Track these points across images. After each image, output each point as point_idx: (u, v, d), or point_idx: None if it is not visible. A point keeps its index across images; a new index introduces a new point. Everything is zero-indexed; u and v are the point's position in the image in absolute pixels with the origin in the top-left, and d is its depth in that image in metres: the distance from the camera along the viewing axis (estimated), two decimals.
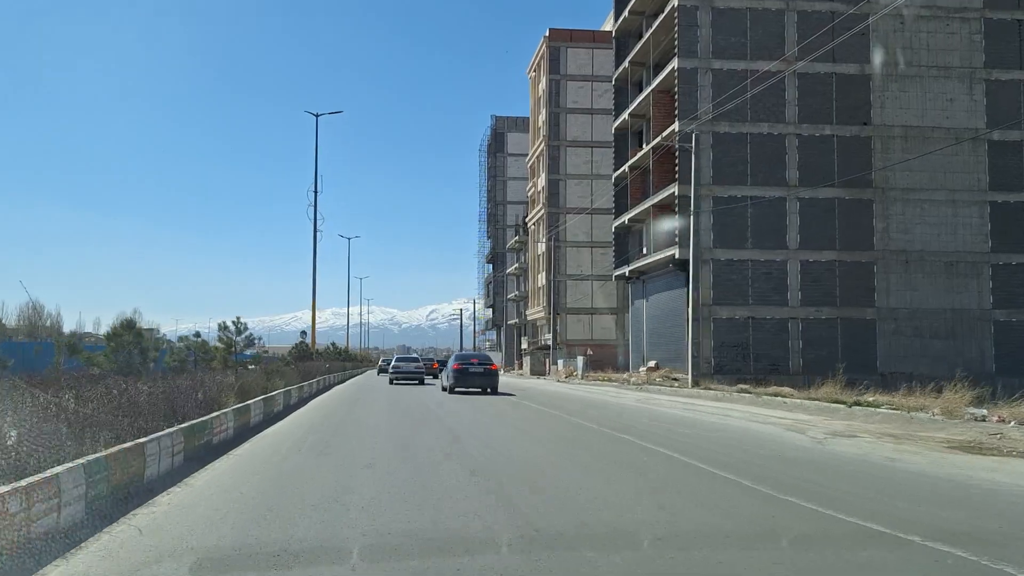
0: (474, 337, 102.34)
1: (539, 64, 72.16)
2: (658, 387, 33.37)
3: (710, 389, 29.10)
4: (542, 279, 70.06)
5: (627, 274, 46.29)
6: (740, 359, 36.52)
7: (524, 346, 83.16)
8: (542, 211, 69.32)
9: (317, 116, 41.95)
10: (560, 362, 50.17)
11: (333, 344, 58.32)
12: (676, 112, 37.88)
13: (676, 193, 37.34)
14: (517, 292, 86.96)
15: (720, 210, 37.20)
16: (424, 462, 9.74)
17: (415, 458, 10.10)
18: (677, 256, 37.16)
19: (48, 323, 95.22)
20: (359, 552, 5.30)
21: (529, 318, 75.94)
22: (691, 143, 36.55)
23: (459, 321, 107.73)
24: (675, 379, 35.46)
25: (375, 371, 70.23)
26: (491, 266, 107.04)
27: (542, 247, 69.75)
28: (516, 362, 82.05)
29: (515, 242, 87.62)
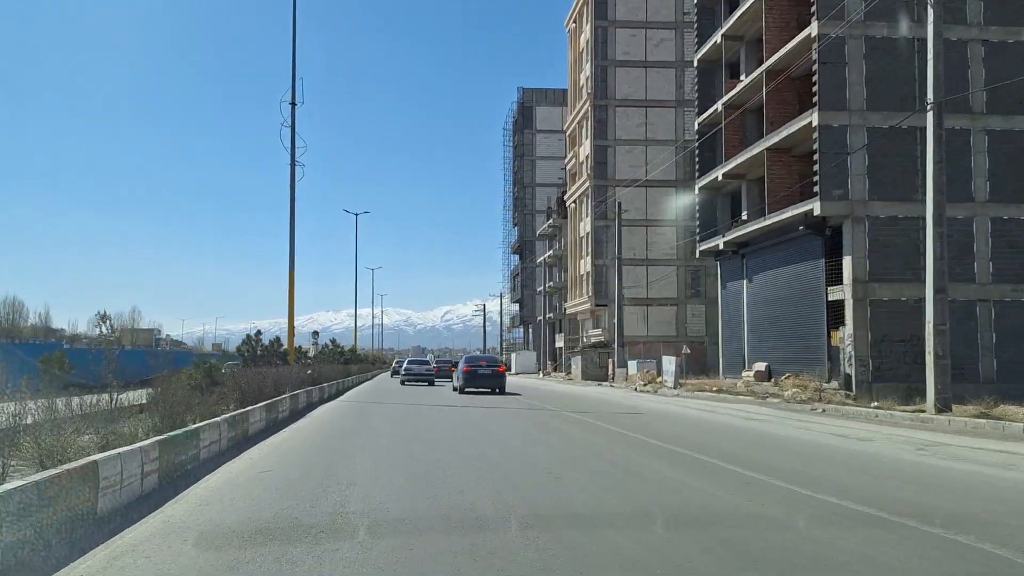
0: (500, 335, 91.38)
1: (581, 10, 61.18)
2: (807, 405, 22.18)
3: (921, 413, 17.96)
4: (586, 265, 59.13)
5: (720, 247, 35.21)
6: (908, 361, 25.38)
7: (559, 344, 72.34)
8: (586, 184, 58.39)
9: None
10: (633, 364, 39.00)
11: (333, 341, 47.61)
12: (814, 10, 26.82)
13: (816, 123, 26.27)
14: (551, 283, 76.07)
15: (877, 147, 26.13)
16: None
17: None
18: (818, 211, 26.11)
19: (31, 322, 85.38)
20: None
21: (569, 311, 65.00)
22: (827, 59, 25.54)
23: (482, 317, 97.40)
24: (818, 391, 24.26)
25: (388, 373, 63.60)
26: (517, 257, 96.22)
27: (586, 227, 58.84)
28: (550, 364, 71.15)
29: (548, 226, 76.74)
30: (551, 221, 75.48)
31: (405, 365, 41.99)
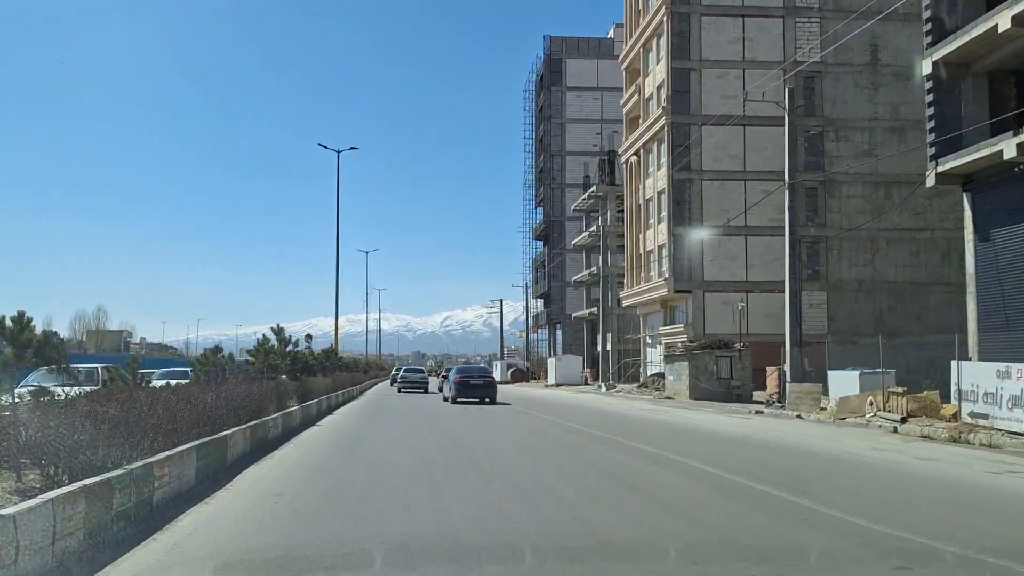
0: (526, 334, 75.06)
1: None
2: None
3: None
4: (657, 236, 43.01)
5: (999, 159, 18.89)
6: None
7: (605, 347, 56.25)
8: (659, 124, 42.27)
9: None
10: (848, 377, 21.88)
11: (323, 350, 31.55)
12: None
13: None
14: (590, 272, 59.91)
15: None
16: None
17: None
18: None
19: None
20: None
21: (628, 302, 48.78)
22: None
23: (485, 320, 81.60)
24: None
25: (388, 382, 56.34)
26: (542, 244, 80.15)
27: (658, 183, 42.78)
28: (588, 371, 54.71)
29: (587, 197, 60.56)
30: (592, 191, 59.33)
31: (401, 375, 43.38)
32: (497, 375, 73.78)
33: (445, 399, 28.35)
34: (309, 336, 45.12)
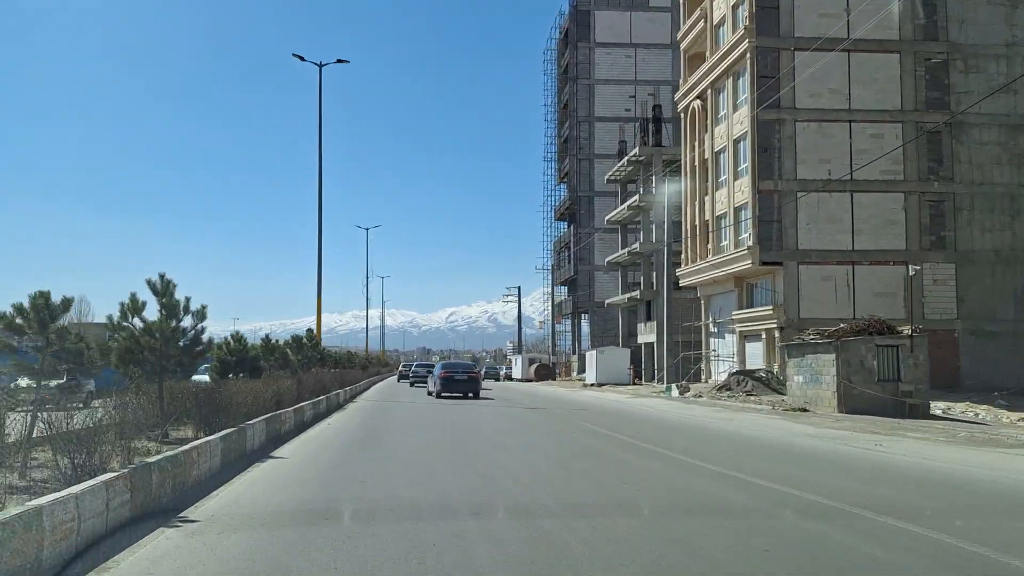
0: (551, 326, 65.79)
1: None
2: None
3: None
4: (732, 197, 33.93)
5: None
6: None
7: (645, 339, 47.14)
8: (739, 51, 33.14)
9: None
10: None
11: (294, 337, 22.91)
12: None
13: None
14: (630, 250, 50.89)
15: None
16: None
17: None
18: None
19: None
20: None
21: (689, 281, 39.66)
22: None
23: (503, 309, 72.51)
24: None
25: (395, 378, 52.73)
26: (565, 224, 71.06)
27: (733, 129, 33.69)
28: (630, 369, 45.41)
29: (627, 163, 51.48)
30: (632, 154, 50.22)
31: (413, 369, 44.23)
32: (517, 371, 64.76)
33: (429, 393, 28.50)
34: (311, 331, 37.06)
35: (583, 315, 66.71)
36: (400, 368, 59.55)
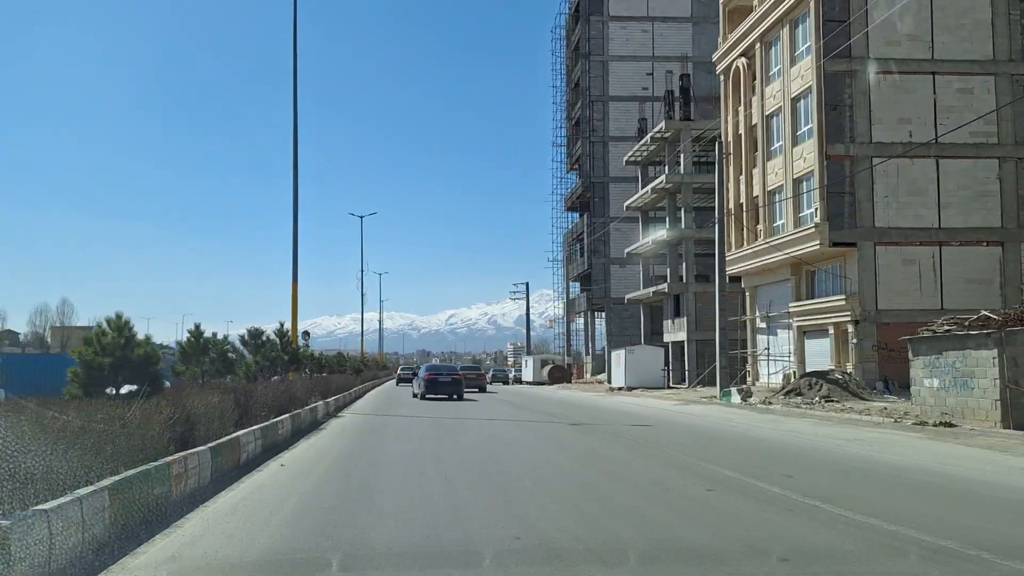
0: (566, 325, 60.39)
1: None
2: None
3: None
4: (789, 168, 28.64)
5: None
6: None
7: (674, 337, 41.77)
8: None
9: None
10: None
11: (252, 331, 17.83)
12: None
13: None
14: (654, 239, 45.65)
15: None
16: None
17: None
18: None
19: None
20: None
21: (734, 270, 34.33)
22: None
23: (521, 300, 67.32)
24: None
25: (394, 381, 48.62)
26: (577, 214, 65.78)
27: (791, 86, 28.39)
28: (664, 371, 40.18)
29: (650, 140, 46.20)
30: (658, 130, 44.90)
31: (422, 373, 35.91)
32: (528, 374, 59.24)
33: (415, 395, 29.10)
34: (307, 333, 33.21)
35: (597, 312, 61.47)
36: (399, 371, 54.67)
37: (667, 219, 44.82)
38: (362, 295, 47.53)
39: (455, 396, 27.67)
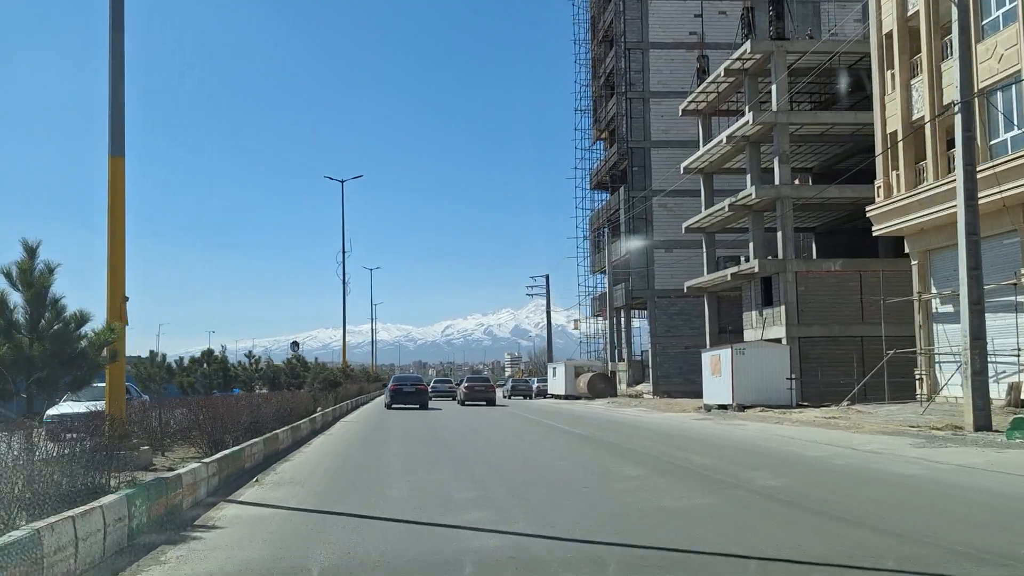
0: (611, 323, 48.42)
1: None
2: None
3: None
4: (1001, 60, 17.40)
5: None
6: None
7: (772, 333, 30.43)
8: None
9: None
10: None
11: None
12: None
13: None
14: (732, 201, 34.34)
15: None
16: None
17: None
18: None
19: None
20: None
21: (886, 228, 22.98)
22: None
23: (545, 300, 56.18)
24: None
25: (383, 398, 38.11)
26: (608, 193, 54.57)
27: None
28: (790, 381, 28.46)
29: (724, 73, 34.81)
30: (742, 52, 33.55)
31: (433, 384, 43.87)
32: (558, 385, 45.97)
33: (386, 405, 30.88)
34: (295, 344, 31.98)
35: (619, 311, 50.15)
36: (392, 384, 43.31)
37: (748, 177, 33.65)
38: (343, 284, 36.42)
39: (420, 406, 29.67)
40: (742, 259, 37.84)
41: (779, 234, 31.40)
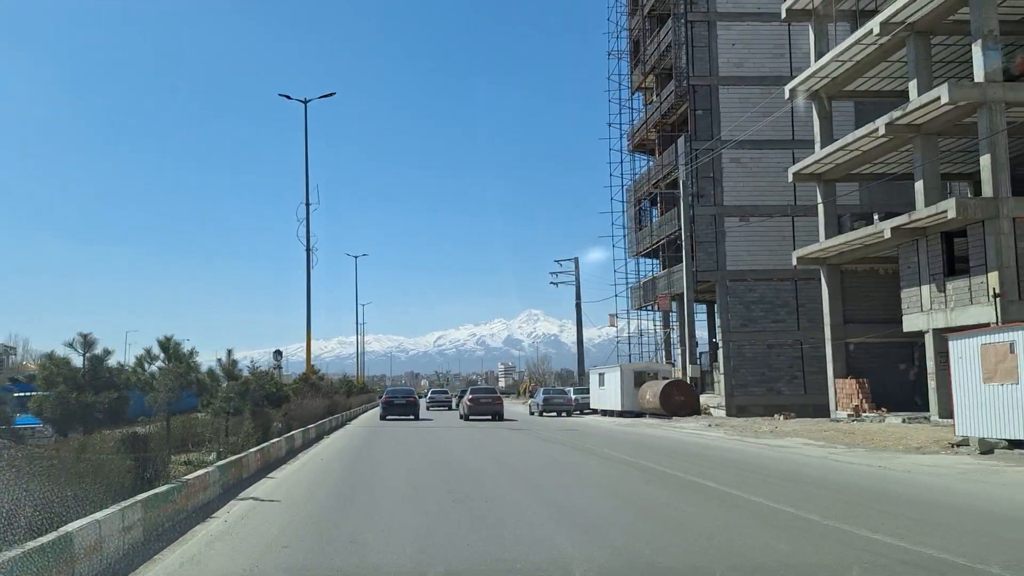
0: (688, 316, 36.48)
1: None
2: None
3: None
4: None
5: None
6: None
7: (963, 317, 19.49)
8: None
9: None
10: None
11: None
12: None
13: None
14: (893, 120, 23.00)
15: None
16: None
17: None
18: None
19: None
20: None
21: None
22: None
23: (575, 291, 44.55)
24: None
25: (378, 409, 37.49)
26: (652, 157, 43.30)
27: None
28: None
29: None
30: None
31: (429, 395, 51.83)
32: (610, 396, 32.68)
33: (382, 418, 31.52)
34: (279, 352, 31.32)
35: (675, 304, 38.79)
36: (385, 397, 33.24)
37: (912, 85, 22.37)
38: (308, 249, 25.59)
39: (412, 417, 30.87)
40: (875, 217, 26.75)
41: (988, 160, 20.01)
